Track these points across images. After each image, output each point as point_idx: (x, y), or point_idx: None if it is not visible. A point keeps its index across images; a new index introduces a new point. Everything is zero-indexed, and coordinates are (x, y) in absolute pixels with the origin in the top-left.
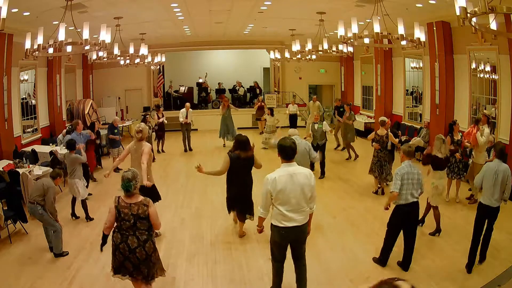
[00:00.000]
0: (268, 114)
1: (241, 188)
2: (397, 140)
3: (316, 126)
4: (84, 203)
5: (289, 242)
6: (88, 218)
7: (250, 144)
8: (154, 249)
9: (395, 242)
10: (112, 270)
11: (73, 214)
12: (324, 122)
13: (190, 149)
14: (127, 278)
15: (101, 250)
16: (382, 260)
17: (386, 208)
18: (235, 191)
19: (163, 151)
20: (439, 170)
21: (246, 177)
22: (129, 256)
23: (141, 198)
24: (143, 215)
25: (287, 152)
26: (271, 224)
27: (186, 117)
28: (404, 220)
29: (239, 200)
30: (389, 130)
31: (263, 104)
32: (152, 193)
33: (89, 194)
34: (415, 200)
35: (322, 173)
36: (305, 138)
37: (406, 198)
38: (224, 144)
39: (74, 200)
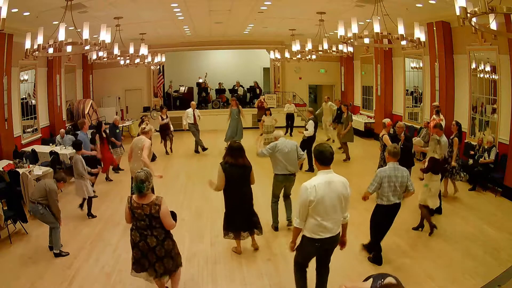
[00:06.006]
0: (266, 114)
1: (239, 201)
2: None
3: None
4: (89, 201)
5: (321, 252)
6: (90, 215)
7: (241, 152)
8: (173, 245)
9: (382, 237)
10: (132, 268)
11: (89, 213)
12: (310, 122)
13: (197, 151)
14: (142, 277)
15: None
16: (375, 257)
17: (364, 198)
18: (232, 205)
19: (171, 151)
20: (435, 174)
21: (244, 188)
22: (148, 254)
23: (153, 197)
24: (156, 215)
25: (325, 157)
26: (304, 236)
27: (194, 118)
28: (383, 219)
29: (239, 215)
30: (392, 132)
31: (263, 104)
32: None
33: (95, 197)
34: (397, 202)
35: (311, 168)
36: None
37: (387, 200)
38: (225, 148)
39: (89, 200)
